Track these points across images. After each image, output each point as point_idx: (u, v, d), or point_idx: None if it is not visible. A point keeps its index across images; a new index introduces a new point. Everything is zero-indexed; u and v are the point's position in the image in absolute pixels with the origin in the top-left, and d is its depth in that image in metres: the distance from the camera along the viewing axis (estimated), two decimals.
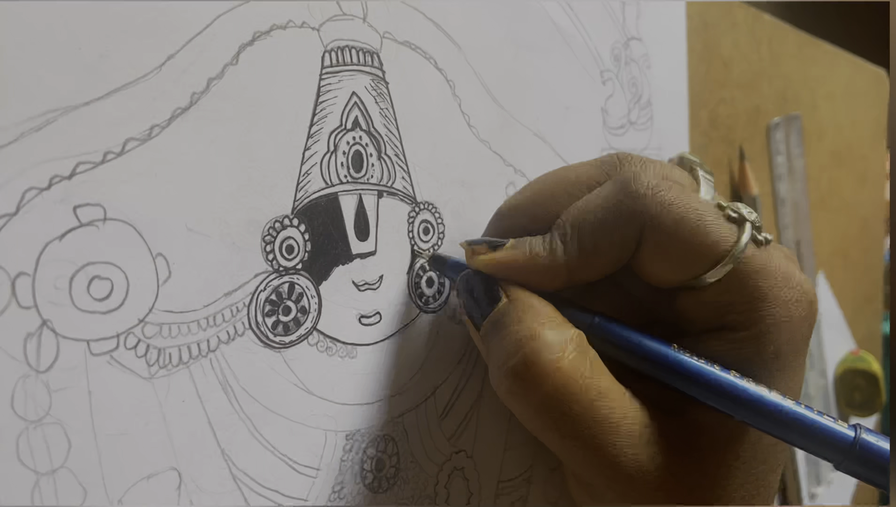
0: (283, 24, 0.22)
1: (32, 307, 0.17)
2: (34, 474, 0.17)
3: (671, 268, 0.23)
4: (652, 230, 0.23)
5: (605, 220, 0.23)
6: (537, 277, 0.24)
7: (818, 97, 0.62)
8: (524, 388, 0.21)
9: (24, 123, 0.17)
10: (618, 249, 0.23)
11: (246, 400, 0.21)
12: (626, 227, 0.23)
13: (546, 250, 0.23)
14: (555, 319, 0.22)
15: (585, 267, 0.23)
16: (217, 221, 0.21)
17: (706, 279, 0.23)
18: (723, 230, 0.23)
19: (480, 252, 0.24)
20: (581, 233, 0.23)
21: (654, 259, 0.23)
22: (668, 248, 0.23)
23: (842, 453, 0.21)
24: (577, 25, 0.33)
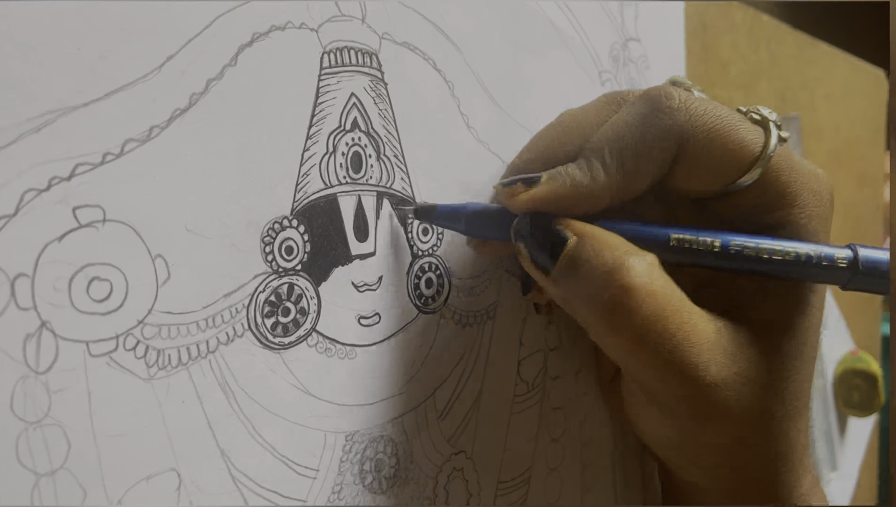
0: (282, 26, 0.22)
1: (32, 308, 0.17)
2: (34, 475, 0.17)
3: (707, 177, 0.24)
4: (689, 143, 0.23)
5: (643, 138, 0.23)
6: (583, 203, 0.24)
7: (816, 98, 0.62)
8: (624, 317, 0.22)
9: (23, 124, 0.17)
10: (657, 165, 0.24)
11: (245, 401, 0.21)
12: (665, 141, 0.23)
13: (587, 176, 0.23)
14: (630, 246, 0.23)
15: (628, 187, 0.24)
16: (216, 222, 0.21)
17: (741, 183, 0.24)
18: (752, 133, 0.24)
19: (518, 191, 0.24)
20: (621, 153, 0.23)
21: (690, 170, 0.24)
22: (704, 157, 0.23)
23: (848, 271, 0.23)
24: (575, 26, 0.33)
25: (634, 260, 0.22)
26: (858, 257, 0.23)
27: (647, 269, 0.22)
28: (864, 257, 0.23)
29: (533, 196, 0.24)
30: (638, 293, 0.22)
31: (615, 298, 0.22)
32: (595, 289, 0.22)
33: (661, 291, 0.22)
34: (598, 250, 0.23)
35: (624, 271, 0.22)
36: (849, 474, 0.71)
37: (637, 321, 0.22)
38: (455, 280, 0.27)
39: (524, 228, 0.24)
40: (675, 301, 0.22)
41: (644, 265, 0.22)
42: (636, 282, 0.22)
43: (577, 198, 0.23)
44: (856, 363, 0.67)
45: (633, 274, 0.22)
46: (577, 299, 0.23)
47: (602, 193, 0.23)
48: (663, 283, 0.22)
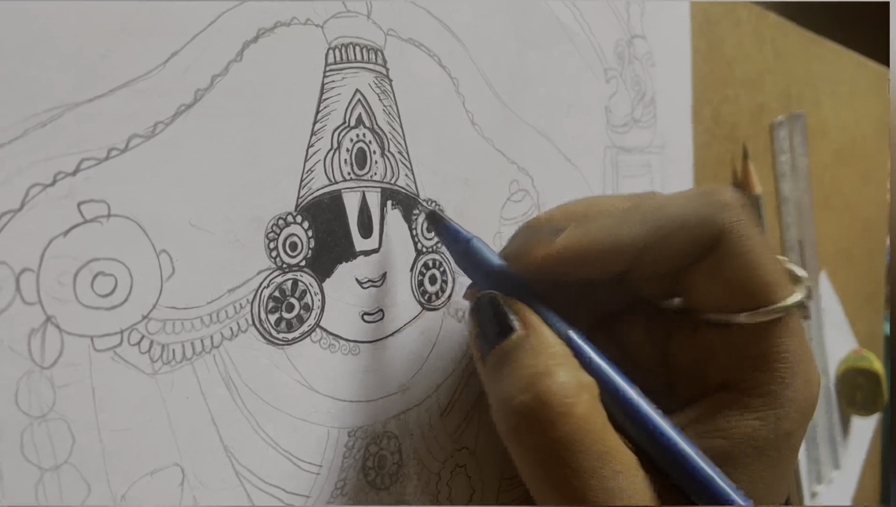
0: (287, 21, 0.22)
1: (37, 303, 0.17)
2: (38, 469, 0.17)
3: (723, 291, 0.22)
4: (725, 245, 0.22)
5: (686, 214, 0.22)
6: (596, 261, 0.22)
7: (822, 95, 0.62)
8: (531, 429, 0.19)
9: (28, 120, 0.17)
10: (688, 249, 0.22)
11: (249, 397, 0.21)
12: (704, 229, 0.22)
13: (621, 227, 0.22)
14: (571, 361, 0.21)
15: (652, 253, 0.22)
16: (221, 217, 0.21)
17: (749, 318, 0.22)
18: (783, 278, 0.22)
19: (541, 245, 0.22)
20: (654, 221, 0.22)
21: (711, 275, 0.22)
22: (732, 268, 0.22)
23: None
24: (580, 23, 0.33)
25: (568, 375, 0.20)
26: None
27: (575, 389, 0.20)
28: None
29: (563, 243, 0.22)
30: (554, 410, 0.19)
31: (527, 404, 0.19)
32: (513, 389, 0.20)
33: (580, 416, 0.19)
34: (534, 351, 0.21)
35: (549, 379, 0.20)
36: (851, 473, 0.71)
37: (543, 439, 0.19)
38: (459, 277, 0.27)
39: (477, 307, 0.23)
40: (598, 433, 0.20)
41: (573, 385, 0.20)
42: (556, 397, 0.19)
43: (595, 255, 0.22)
44: (859, 362, 0.67)
45: (557, 387, 0.19)
46: (496, 393, 0.21)
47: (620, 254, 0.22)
48: (588, 410, 0.20)
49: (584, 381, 0.20)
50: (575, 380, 0.20)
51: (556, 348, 0.21)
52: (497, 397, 0.21)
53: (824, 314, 0.63)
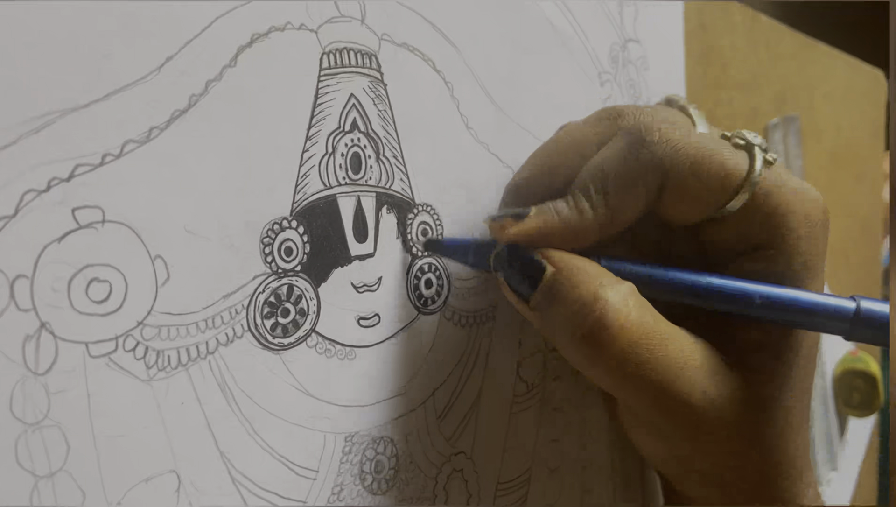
0: (282, 26, 0.22)
1: (31, 310, 0.17)
2: (33, 477, 0.17)
3: (694, 206, 0.24)
4: (672, 175, 0.24)
5: (626, 173, 0.24)
6: (570, 238, 0.24)
7: (816, 98, 0.62)
8: (600, 350, 0.22)
9: (22, 125, 0.17)
10: (642, 199, 0.24)
11: (245, 402, 0.21)
12: (648, 176, 0.24)
13: (574, 211, 0.24)
14: (607, 276, 0.23)
15: (613, 221, 0.24)
16: (216, 223, 0.21)
17: (728, 209, 0.24)
18: (736, 159, 0.24)
19: (508, 225, 0.24)
20: (605, 190, 0.24)
21: (676, 201, 0.24)
22: (689, 188, 0.24)
23: (849, 323, 0.23)
24: (574, 27, 0.33)
25: (609, 292, 0.22)
26: (860, 309, 0.23)
27: (622, 299, 0.22)
28: (866, 309, 0.23)
29: (521, 230, 0.24)
30: (612, 327, 0.22)
31: (590, 332, 0.22)
32: (571, 322, 0.22)
33: (636, 320, 0.22)
34: (573, 282, 0.23)
35: (598, 304, 0.22)
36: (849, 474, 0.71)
37: (613, 353, 0.22)
38: (455, 281, 0.27)
39: (503, 257, 0.24)
40: (653, 328, 0.23)
41: (619, 296, 0.22)
42: (610, 316, 0.22)
43: (565, 234, 0.24)
44: (855, 364, 0.67)
45: (608, 307, 0.22)
46: (556, 331, 0.23)
47: (589, 229, 0.24)
48: (639, 312, 0.23)
49: (626, 288, 0.23)
50: (619, 292, 0.22)
51: (589, 269, 0.23)
52: (559, 334, 0.23)
53: None
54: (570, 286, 0.23)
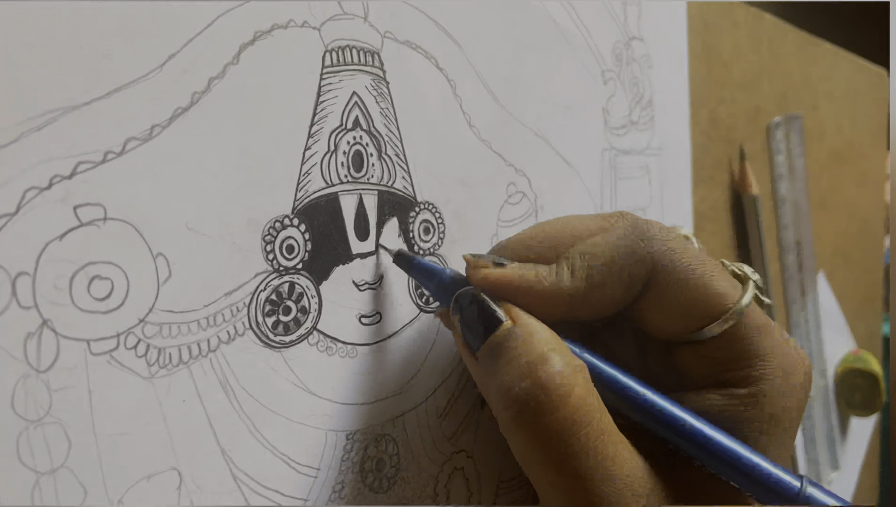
0: (284, 24, 0.22)
1: (33, 307, 0.17)
2: (34, 473, 0.17)
3: (674, 317, 0.23)
4: (660, 275, 0.23)
5: (615, 257, 0.23)
6: (537, 302, 0.23)
7: (818, 97, 0.62)
8: (532, 416, 0.20)
9: (24, 123, 0.17)
10: (624, 288, 0.23)
11: (246, 400, 0.21)
12: (636, 267, 0.23)
13: (551, 276, 0.23)
14: (562, 346, 0.22)
15: (588, 300, 0.23)
16: (217, 220, 0.21)
17: (707, 333, 0.23)
18: (728, 286, 0.23)
19: (485, 267, 0.23)
20: (591, 265, 0.23)
21: (657, 306, 0.23)
22: (674, 295, 0.23)
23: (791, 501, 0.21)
24: (578, 25, 0.33)
25: (561, 360, 0.21)
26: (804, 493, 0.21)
27: (570, 372, 0.21)
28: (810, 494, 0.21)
29: (495, 275, 0.23)
30: (553, 395, 0.20)
31: (527, 391, 0.20)
32: (512, 379, 0.21)
33: (578, 397, 0.21)
34: (525, 340, 0.21)
35: (544, 366, 0.21)
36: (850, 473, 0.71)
37: (543, 423, 0.20)
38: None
39: (466, 298, 0.23)
40: (593, 416, 0.21)
41: (569, 368, 0.21)
42: (554, 382, 0.20)
43: (536, 293, 0.23)
44: (857, 363, 0.67)
45: (553, 372, 0.21)
46: (493, 385, 0.22)
47: (561, 296, 0.23)
48: (584, 392, 0.21)
49: (577, 363, 0.22)
50: (570, 363, 0.21)
51: (545, 334, 0.22)
52: (495, 388, 0.21)
53: (822, 315, 0.64)
54: (521, 342, 0.21)
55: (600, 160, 0.34)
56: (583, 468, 0.20)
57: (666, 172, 0.40)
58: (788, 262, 0.57)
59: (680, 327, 0.24)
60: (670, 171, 0.40)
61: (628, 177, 0.36)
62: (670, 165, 0.40)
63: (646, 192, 0.38)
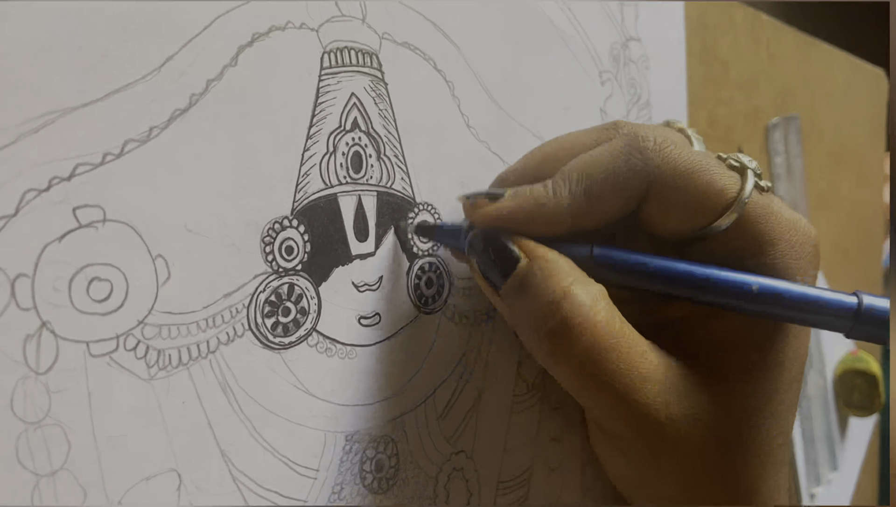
0: (282, 26, 0.22)
1: (32, 309, 0.17)
2: (34, 475, 0.17)
3: (679, 218, 0.24)
4: (659, 183, 0.23)
5: (613, 171, 0.23)
6: (540, 222, 0.23)
7: (817, 98, 0.62)
8: (564, 347, 0.22)
9: (22, 125, 0.17)
10: (624, 200, 0.23)
11: (245, 401, 0.21)
12: (634, 179, 0.23)
13: (549, 196, 0.23)
14: (579, 274, 0.23)
15: (589, 213, 0.23)
16: (216, 222, 0.21)
17: (715, 228, 0.23)
18: (727, 179, 0.23)
19: (481, 205, 0.24)
20: (588, 180, 0.23)
21: (661, 211, 0.24)
22: (676, 199, 0.23)
23: (851, 319, 0.22)
24: (575, 26, 0.33)
25: (579, 289, 0.22)
26: (863, 306, 0.22)
27: (592, 299, 0.22)
28: (869, 305, 0.22)
29: (494, 210, 0.23)
30: (580, 326, 0.22)
31: (556, 328, 0.22)
32: (538, 316, 0.22)
33: (603, 322, 0.22)
34: (545, 276, 0.22)
35: (567, 300, 0.22)
36: (849, 474, 0.71)
37: (576, 353, 0.22)
38: (455, 280, 0.27)
39: (478, 242, 0.24)
40: (620, 332, 0.22)
41: (588, 295, 0.22)
42: (577, 313, 0.22)
43: (538, 217, 0.23)
44: (856, 364, 0.67)
45: (576, 304, 0.22)
46: (523, 324, 0.23)
47: (562, 214, 0.23)
48: (607, 315, 0.22)
49: (595, 290, 0.22)
50: (589, 293, 0.22)
51: (562, 265, 0.23)
52: (525, 326, 0.23)
53: None
54: (541, 279, 0.22)
55: None
56: (620, 383, 0.22)
57: None
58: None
59: (686, 228, 0.24)
60: None
61: None
62: None
63: None
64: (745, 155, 0.24)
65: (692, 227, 0.24)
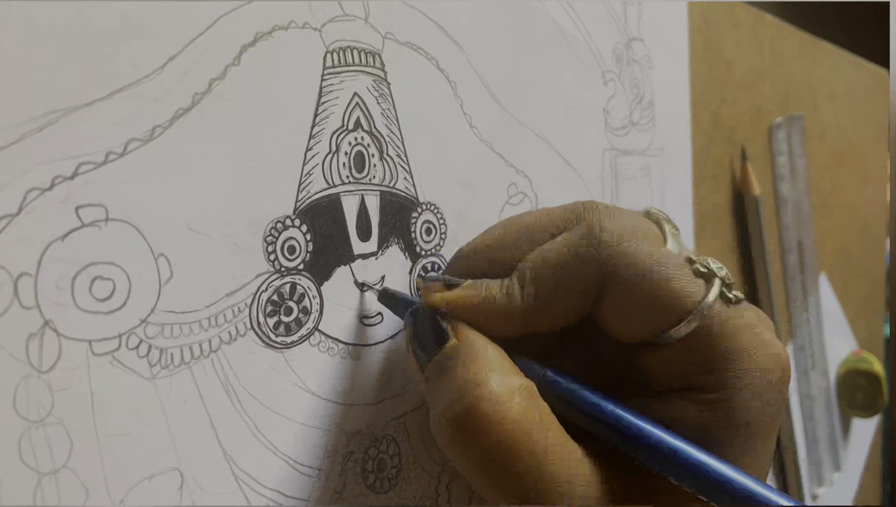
0: (285, 25, 0.22)
1: (35, 307, 0.17)
2: (36, 474, 0.17)
3: (633, 322, 0.22)
4: (614, 281, 0.22)
5: (565, 266, 0.22)
6: (492, 320, 0.22)
7: (820, 97, 0.62)
8: (466, 439, 0.20)
9: (26, 124, 0.17)
10: (578, 298, 0.22)
11: (248, 400, 0.21)
12: (587, 275, 0.22)
13: (502, 293, 0.22)
14: (504, 366, 0.21)
15: (542, 314, 0.22)
16: (219, 221, 0.21)
17: (671, 336, 0.21)
18: (689, 285, 0.21)
19: (435, 290, 0.23)
20: (540, 278, 0.22)
21: (616, 312, 0.22)
22: (631, 301, 0.22)
23: None
24: (578, 26, 0.33)
25: (498, 381, 0.20)
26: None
27: (507, 392, 0.20)
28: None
29: (445, 296, 0.22)
30: (485, 418, 0.19)
31: (459, 417, 0.20)
32: (447, 402, 0.20)
33: (515, 419, 0.19)
34: (466, 361, 0.21)
35: (479, 389, 0.20)
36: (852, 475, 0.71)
37: (479, 447, 0.19)
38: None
39: (417, 317, 0.23)
40: (535, 434, 0.20)
41: (504, 388, 0.20)
42: (486, 405, 0.19)
43: (488, 313, 0.22)
44: (859, 364, 0.67)
45: (487, 394, 0.20)
46: (433, 404, 0.21)
47: (513, 314, 0.22)
48: (524, 412, 0.20)
49: (517, 384, 0.20)
50: (507, 385, 0.20)
51: (488, 353, 0.21)
52: (434, 408, 0.21)
53: (824, 316, 0.63)
54: (461, 363, 0.21)
55: (601, 161, 0.34)
56: (526, 490, 0.19)
57: (667, 172, 0.40)
58: (790, 262, 0.57)
59: (641, 331, 0.22)
60: (671, 171, 0.40)
61: (629, 177, 0.36)
62: (671, 165, 0.40)
63: (647, 192, 0.38)
64: (715, 261, 0.22)
65: (647, 331, 0.22)
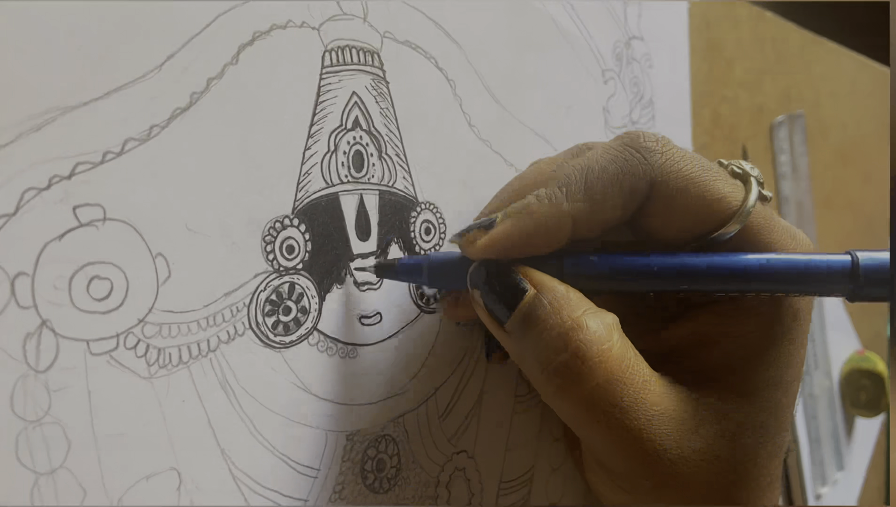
0: (283, 24, 0.22)
1: (32, 307, 0.17)
2: (33, 474, 0.17)
3: (681, 224, 0.23)
4: (662, 185, 0.22)
5: (614, 170, 0.22)
6: (542, 236, 0.22)
7: (822, 95, 0.62)
8: (575, 383, 0.20)
9: (23, 123, 0.17)
10: (626, 200, 0.22)
11: (246, 400, 0.21)
12: (636, 178, 0.22)
13: (545, 205, 0.22)
14: (589, 304, 0.22)
15: (593, 216, 0.22)
16: (217, 221, 0.21)
17: (718, 237, 0.22)
18: (730, 187, 0.23)
19: (475, 238, 0.22)
20: (588, 180, 0.22)
21: (662, 215, 0.23)
22: (679, 204, 0.22)
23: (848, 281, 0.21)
24: (578, 25, 0.33)
25: (592, 321, 0.21)
26: (858, 264, 0.21)
27: (605, 332, 0.21)
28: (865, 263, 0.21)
29: (490, 238, 0.22)
30: (591, 359, 0.20)
31: (567, 362, 0.20)
32: (547, 350, 0.21)
33: (618, 356, 0.21)
34: (555, 308, 0.21)
35: (579, 333, 0.20)
36: (856, 474, 0.71)
37: (588, 389, 0.20)
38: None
39: (480, 274, 0.22)
40: (632, 369, 0.21)
41: (602, 327, 0.21)
42: (592, 348, 0.20)
43: (537, 231, 0.22)
44: (862, 363, 0.67)
45: (590, 337, 0.20)
46: (530, 359, 0.21)
47: (563, 221, 0.22)
48: (622, 348, 0.21)
49: (609, 320, 0.21)
50: (603, 324, 0.21)
51: (572, 296, 0.21)
52: (532, 362, 0.21)
53: (827, 315, 0.63)
54: (550, 311, 0.21)
55: None
56: (631, 421, 0.21)
57: None
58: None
59: (686, 234, 0.23)
60: None
61: None
62: None
63: None
64: (747, 162, 0.24)
65: (692, 234, 0.23)
